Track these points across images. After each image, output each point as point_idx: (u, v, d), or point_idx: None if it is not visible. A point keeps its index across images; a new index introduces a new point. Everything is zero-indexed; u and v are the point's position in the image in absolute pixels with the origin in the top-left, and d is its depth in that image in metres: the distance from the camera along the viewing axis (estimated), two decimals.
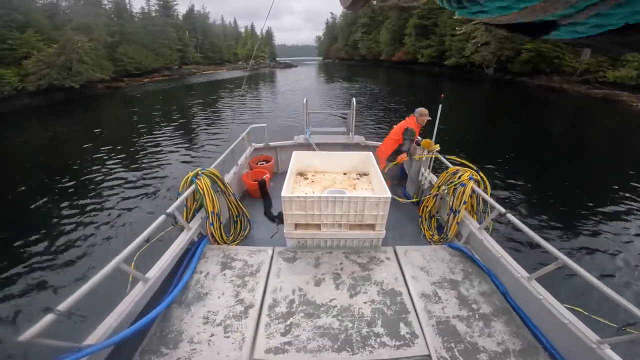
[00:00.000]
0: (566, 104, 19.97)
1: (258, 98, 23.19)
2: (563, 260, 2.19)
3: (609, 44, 0.37)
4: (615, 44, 0.35)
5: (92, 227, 5.85)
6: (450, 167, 3.70)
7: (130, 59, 34.45)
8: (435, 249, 3.25)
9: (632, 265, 4.73)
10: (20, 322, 3.81)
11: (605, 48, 0.39)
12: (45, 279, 4.57)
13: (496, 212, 2.92)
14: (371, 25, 59.95)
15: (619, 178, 7.84)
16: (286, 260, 3.03)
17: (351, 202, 2.95)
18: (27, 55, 21.62)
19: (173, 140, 11.94)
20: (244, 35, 78.54)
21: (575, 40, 0.38)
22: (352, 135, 5.77)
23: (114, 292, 2.29)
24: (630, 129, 13.99)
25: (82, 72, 24.26)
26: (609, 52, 0.41)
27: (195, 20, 59.18)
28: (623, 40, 0.32)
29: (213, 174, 3.46)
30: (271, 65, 62.44)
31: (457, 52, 33.80)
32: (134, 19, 41.56)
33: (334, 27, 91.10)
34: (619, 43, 0.35)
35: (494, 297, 2.64)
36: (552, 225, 5.76)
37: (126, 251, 2.19)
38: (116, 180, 8.07)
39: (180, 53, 47.78)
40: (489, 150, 10.34)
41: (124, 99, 24.67)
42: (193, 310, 2.45)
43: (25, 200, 7.10)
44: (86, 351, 1.74)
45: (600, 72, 22.07)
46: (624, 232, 5.61)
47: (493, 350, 2.17)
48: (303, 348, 2.17)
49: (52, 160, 10.27)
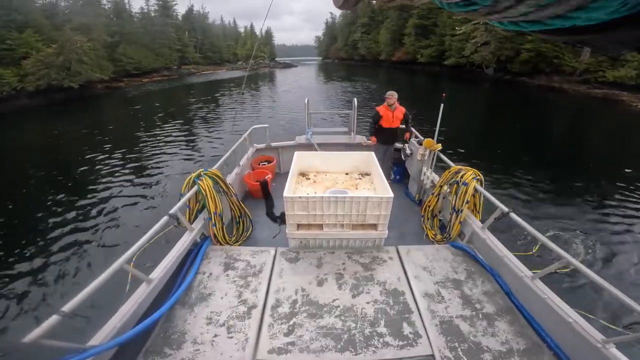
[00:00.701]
0: (566, 103, 19.96)
1: (257, 98, 23.18)
2: (567, 260, 2.19)
3: (606, 43, 0.37)
4: (611, 41, 0.36)
5: (92, 228, 5.84)
6: (452, 167, 3.70)
7: (129, 59, 34.43)
8: (438, 249, 3.25)
9: (636, 264, 4.72)
10: (20, 324, 3.80)
11: (601, 46, 0.39)
12: (46, 280, 4.55)
13: (499, 211, 2.92)
14: (371, 25, 59.90)
15: (621, 178, 7.84)
16: (289, 261, 3.03)
17: (353, 202, 2.95)
18: (26, 55, 21.60)
19: (173, 140, 11.93)
20: (243, 35, 78.48)
21: (572, 38, 0.38)
22: (354, 135, 5.77)
23: (118, 293, 2.29)
24: (630, 129, 13.99)
25: (82, 72, 24.26)
26: (607, 50, 0.41)
27: (195, 20, 59.14)
28: (615, 38, 0.35)
29: (215, 174, 3.46)
30: (271, 65, 62.39)
31: (457, 52, 33.78)
32: (133, 19, 41.51)
33: (333, 27, 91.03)
34: (613, 40, 0.36)
35: (498, 297, 2.63)
36: (553, 225, 5.75)
37: (129, 252, 2.19)
38: (116, 181, 8.06)
39: (180, 53, 47.77)
40: (488, 150, 10.33)
41: (124, 99, 24.65)
42: (196, 311, 2.45)
43: (25, 200, 7.10)
44: (90, 352, 1.74)
45: (600, 72, 22.03)
46: (627, 232, 5.59)
47: (497, 350, 2.17)
48: (306, 348, 2.16)
49: (52, 160, 10.26)
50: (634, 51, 0.39)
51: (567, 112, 17.74)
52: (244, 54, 65.93)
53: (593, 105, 19.35)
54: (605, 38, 0.34)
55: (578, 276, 3.86)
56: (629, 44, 0.36)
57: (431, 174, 4.19)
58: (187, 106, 19.53)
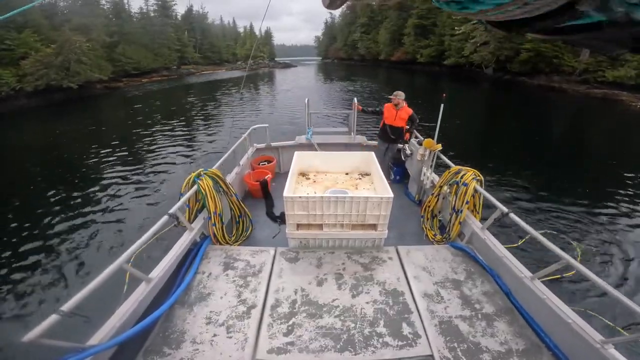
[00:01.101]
0: (565, 103, 19.95)
1: (257, 97, 23.17)
2: (566, 260, 2.19)
3: (600, 42, 0.37)
4: (605, 41, 0.36)
5: (91, 228, 5.83)
6: (452, 167, 3.69)
7: (128, 59, 34.31)
8: (437, 249, 3.25)
9: (635, 265, 4.72)
10: (20, 323, 3.79)
11: (596, 46, 0.39)
12: (45, 280, 4.54)
13: (499, 211, 2.92)
14: (370, 25, 59.90)
15: (620, 178, 7.85)
16: (288, 261, 3.02)
17: (353, 202, 2.94)
18: (25, 55, 21.51)
19: (172, 139, 11.92)
20: (242, 35, 78.40)
21: (565, 38, 0.38)
22: (354, 135, 5.77)
23: (118, 293, 2.29)
24: (630, 129, 13.99)
25: (80, 72, 24.17)
26: (603, 50, 0.41)
27: (194, 20, 59.05)
28: (607, 37, 0.35)
29: (215, 174, 3.46)
30: (270, 65, 62.35)
31: (456, 52, 33.82)
32: (132, 19, 41.37)
33: (332, 27, 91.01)
34: (607, 40, 0.35)
35: (497, 297, 2.63)
36: (553, 225, 5.75)
37: (129, 252, 2.19)
38: (116, 180, 8.04)
39: (179, 53, 47.65)
40: (486, 150, 10.34)
41: (123, 99, 24.59)
42: (196, 311, 2.45)
43: (25, 200, 7.08)
44: (90, 351, 1.75)
45: (599, 72, 22.03)
46: (627, 232, 5.60)
47: (496, 350, 2.16)
48: (305, 348, 2.16)
49: (52, 160, 10.24)
50: (631, 51, 0.39)
51: (567, 112, 17.75)
52: (244, 54, 65.81)
53: (592, 105, 19.36)
54: (597, 37, 0.35)
55: (577, 277, 3.86)
56: (624, 44, 0.36)
57: (431, 174, 4.18)
58: (187, 106, 19.50)
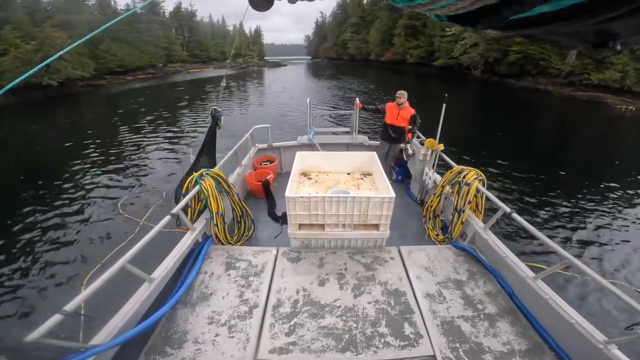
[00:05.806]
0: (551, 105, 20.29)
1: (245, 97, 22.96)
2: (569, 260, 2.20)
3: (558, 36, 0.36)
4: (566, 35, 0.35)
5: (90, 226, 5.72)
6: (454, 167, 3.71)
7: (113, 56, 33.40)
8: (439, 249, 3.25)
9: (638, 264, 4.77)
10: (19, 324, 3.74)
11: (554, 40, 0.38)
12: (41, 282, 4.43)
13: (501, 211, 2.92)
14: (361, 25, 60.14)
15: (620, 178, 8.04)
16: (290, 261, 3.00)
17: (355, 202, 2.93)
18: (4, 52, 20.80)
19: (155, 139, 11.68)
20: (232, 34, 77.41)
21: (522, 32, 0.37)
22: (356, 135, 5.78)
23: (120, 293, 2.27)
24: (617, 132, 14.23)
25: (61, 69, 23.42)
26: (560, 44, 0.40)
27: (182, 18, 57.94)
28: (565, 30, 0.32)
29: (217, 174, 3.43)
30: (259, 64, 61.92)
31: (446, 53, 34.27)
32: (118, 16, 40.36)
33: (323, 26, 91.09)
34: (565, 33, 0.34)
35: (500, 297, 2.64)
36: (553, 225, 5.83)
37: (131, 252, 2.17)
38: (96, 181, 7.84)
39: (166, 51, 46.69)
40: (481, 150, 10.45)
41: (106, 97, 24.01)
42: (198, 311, 2.44)
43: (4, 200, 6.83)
44: (92, 351, 1.74)
45: (585, 75, 22.51)
46: (627, 232, 5.69)
47: (498, 351, 2.16)
48: (307, 348, 2.15)
49: (30, 160, 9.95)
50: (593, 47, 0.37)
51: (552, 114, 17.99)
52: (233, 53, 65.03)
53: (578, 107, 19.70)
54: (555, 31, 0.33)
55: (580, 277, 3.90)
56: (585, 39, 0.35)
57: (433, 174, 4.20)
58: (172, 105, 19.03)
